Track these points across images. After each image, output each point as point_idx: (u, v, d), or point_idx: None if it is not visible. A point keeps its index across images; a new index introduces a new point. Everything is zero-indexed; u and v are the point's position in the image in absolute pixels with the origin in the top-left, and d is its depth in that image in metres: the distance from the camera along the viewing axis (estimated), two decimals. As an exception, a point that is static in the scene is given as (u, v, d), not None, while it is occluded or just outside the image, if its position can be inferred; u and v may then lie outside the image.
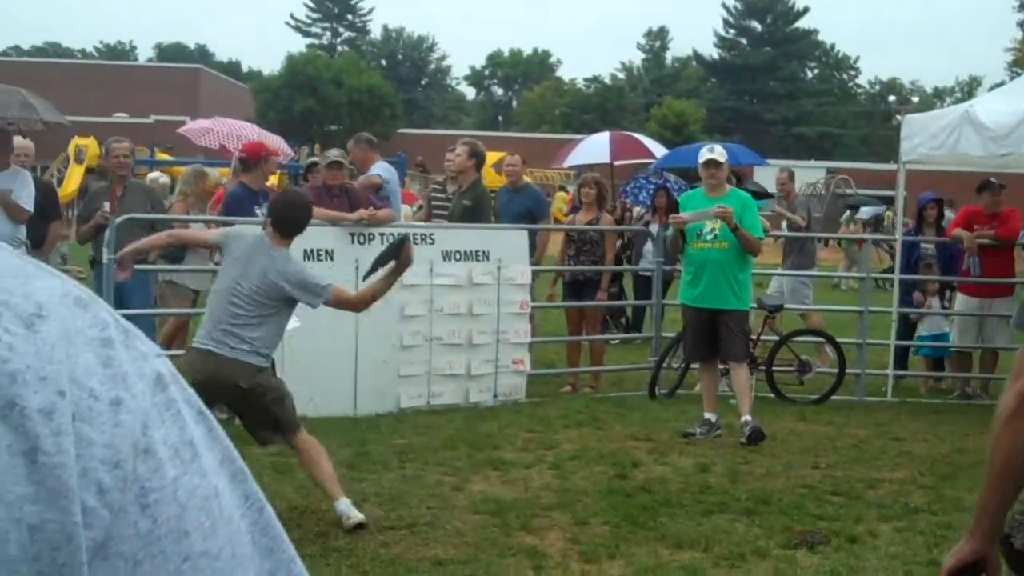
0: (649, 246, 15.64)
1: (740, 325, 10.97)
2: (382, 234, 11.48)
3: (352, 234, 11.38)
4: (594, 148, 21.29)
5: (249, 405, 7.78)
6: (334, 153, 12.20)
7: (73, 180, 27.60)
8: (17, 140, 12.30)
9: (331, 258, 11.19)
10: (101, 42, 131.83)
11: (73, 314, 0.70)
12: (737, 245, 10.70)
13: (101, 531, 0.67)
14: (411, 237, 11.64)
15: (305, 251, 11.03)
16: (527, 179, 16.78)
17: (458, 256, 11.97)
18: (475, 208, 12.77)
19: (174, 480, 0.70)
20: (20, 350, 0.66)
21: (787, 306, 14.04)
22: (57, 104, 14.06)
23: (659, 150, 21.17)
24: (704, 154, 11.13)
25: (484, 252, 12.13)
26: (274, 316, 7.79)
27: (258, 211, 11.27)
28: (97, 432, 0.67)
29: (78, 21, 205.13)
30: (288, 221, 8.00)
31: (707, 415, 10.94)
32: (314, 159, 15.45)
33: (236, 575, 0.74)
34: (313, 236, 11.13)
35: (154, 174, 14.30)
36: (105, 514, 0.67)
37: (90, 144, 40.54)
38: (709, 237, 10.82)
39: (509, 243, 12.41)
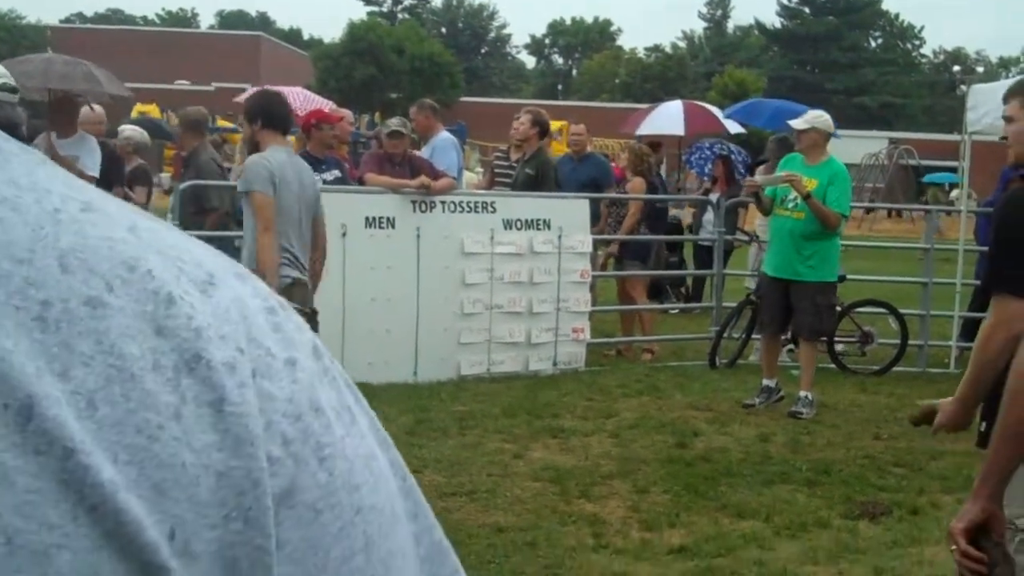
0: (709, 215, 15.58)
1: (812, 298, 10.55)
2: (443, 202, 11.50)
3: (414, 202, 11.39)
4: (668, 118, 21.13)
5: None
6: (395, 122, 12.20)
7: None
8: (90, 111, 12.43)
9: (392, 225, 11.21)
10: (164, 9, 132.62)
11: (239, 283, 0.74)
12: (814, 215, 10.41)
13: (287, 479, 0.69)
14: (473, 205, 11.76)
15: (367, 218, 11.08)
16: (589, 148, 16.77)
17: (519, 224, 11.96)
18: (538, 177, 12.75)
19: (341, 438, 0.73)
20: (201, 310, 0.69)
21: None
22: (119, 71, 14.16)
23: (733, 127, 21.02)
24: (796, 121, 10.93)
25: (545, 221, 12.12)
26: None
27: (318, 177, 11.28)
28: (277, 387, 0.70)
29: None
30: (276, 117, 8.13)
31: (766, 382, 10.86)
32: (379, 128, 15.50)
33: (395, 531, 0.77)
34: (374, 203, 11.21)
35: (125, 127, 14.20)
36: (290, 464, 0.70)
37: (152, 111, 40.92)
38: (790, 205, 10.53)
39: (570, 212, 12.39)
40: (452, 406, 10.45)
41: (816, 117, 10.87)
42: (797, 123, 10.72)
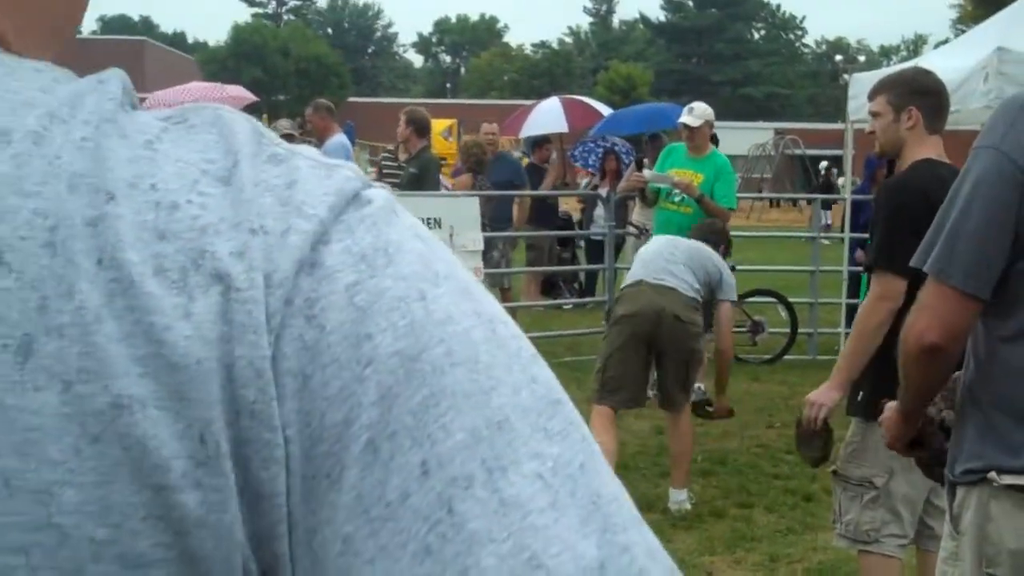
0: (600, 210, 15.65)
1: None
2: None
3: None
4: (549, 117, 21.08)
5: (678, 343, 7.82)
6: (284, 125, 12.15)
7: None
8: None
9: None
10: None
11: (267, 165, 0.73)
12: (700, 210, 10.48)
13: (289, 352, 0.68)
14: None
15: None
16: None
17: (409, 224, 11.90)
18: (421, 175, 12.72)
19: (349, 287, 0.69)
20: (213, 206, 0.69)
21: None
22: None
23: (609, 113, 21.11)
24: (682, 115, 10.94)
25: (436, 219, 12.06)
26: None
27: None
28: (270, 264, 0.69)
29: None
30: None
31: (659, 376, 10.96)
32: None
33: (491, 376, 0.70)
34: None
35: None
36: (291, 332, 0.68)
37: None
38: (677, 199, 10.55)
39: (461, 210, 12.34)
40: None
41: (705, 111, 10.93)
42: (690, 120, 10.66)
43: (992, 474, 2.89)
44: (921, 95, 4.85)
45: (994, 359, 2.93)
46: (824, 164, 38.30)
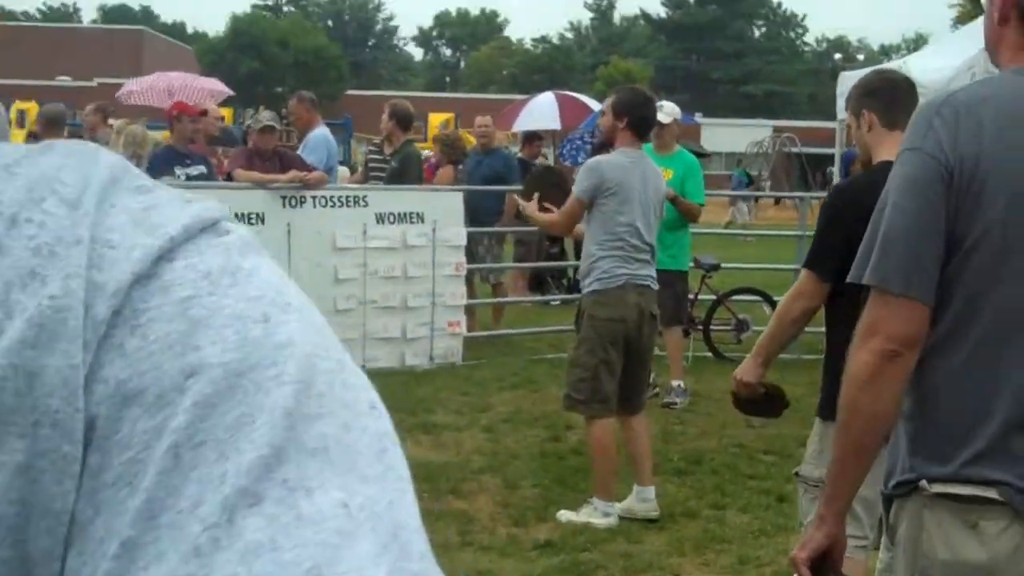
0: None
1: (673, 287, 10.70)
2: (314, 197, 11.37)
3: (284, 197, 11.24)
4: (542, 112, 21.10)
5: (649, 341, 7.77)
6: (266, 117, 12.01)
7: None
8: None
9: (262, 221, 11.03)
10: (45, 4, 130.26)
11: (125, 193, 0.72)
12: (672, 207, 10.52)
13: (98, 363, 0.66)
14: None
15: (236, 214, 10.74)
16: (471, 139, 16.77)
17: (392, 219, 11.85)
18: (402, 169, 12.65)
19: (184, 300, 0.67)
20: (52, 226, 0.68)
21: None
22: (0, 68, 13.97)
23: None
24: (661, 115, 10.93)
25: (419, 214, 12.02)
26: None
27: (179, 171, 11.10)
28: (105, 276, 0.67)
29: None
30: (644, 120, 7.64)
31: (641, 374, 10.89)
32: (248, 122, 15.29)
33: (322, 404, 0.68)
34: (243, 199, 11.04)
35: None
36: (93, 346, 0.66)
37: (31, 108, 40.19)
38: None
39: (444, 204, 12.30)
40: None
41: (673, 109, 11.02)
42: (660, 117, 10.65)
43: (923, 483, 2.84)
44: (870, 96, 4.88)
45: (922, 368, 2.87)
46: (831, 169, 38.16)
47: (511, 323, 14.92)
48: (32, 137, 20.83)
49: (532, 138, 18.17)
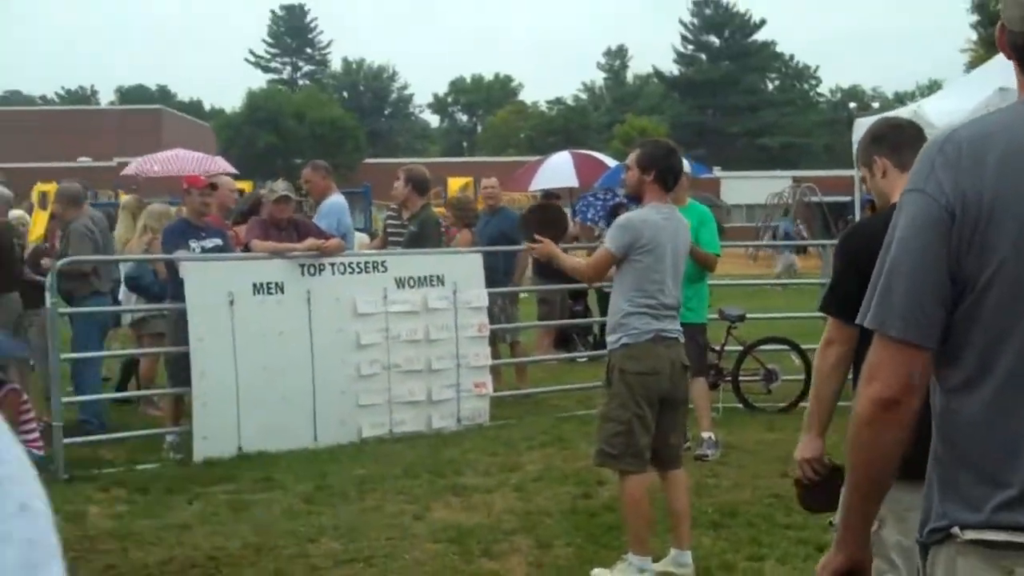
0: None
1: (694, 339, 10.60)
2: (332, 264, 11.32)
3: (302, 265, 11.20)
4: (558, 170, 21.09)
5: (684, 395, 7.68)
6: (281, 187, 11.98)
7: (38, 225, 27.58)
8: (16, 212, 12.54)
9: (281, 291, 10.98)
10: (63, 87, 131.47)
11: None
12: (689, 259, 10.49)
13: None
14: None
15: (255, 284, 10.86)
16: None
17: (412, 282, 11.79)
18: (421, 233, 12.60)
19: None
20: None
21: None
22: (21, 151, 14.16)
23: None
24: None
25: (438, 277, 11.96)
26: None
27: (193, 244, 11.06)
28: None
29: (39, 68, 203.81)
30: (669, 170, 7.52)
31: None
32: (262, 192, 15.25)
33: None
34: (261, 269, 11.00)
35: (15, 212, 13.83)
36: None
37: (51, 189, 40.50)
38: None
39: (464, 266, 12.25)
40: (353, 470, 10.22)
41: (683, 163, 10.96)
42: None
43: (955, 529, 2.74)
44: (877, 142, 4.87)
45: (947, 412, 2.80)
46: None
47: (538, 382, 14.81)
48: (53, 218, 20.91)
49: (550, 197, 18.14)
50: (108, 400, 12.72)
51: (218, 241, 11.34)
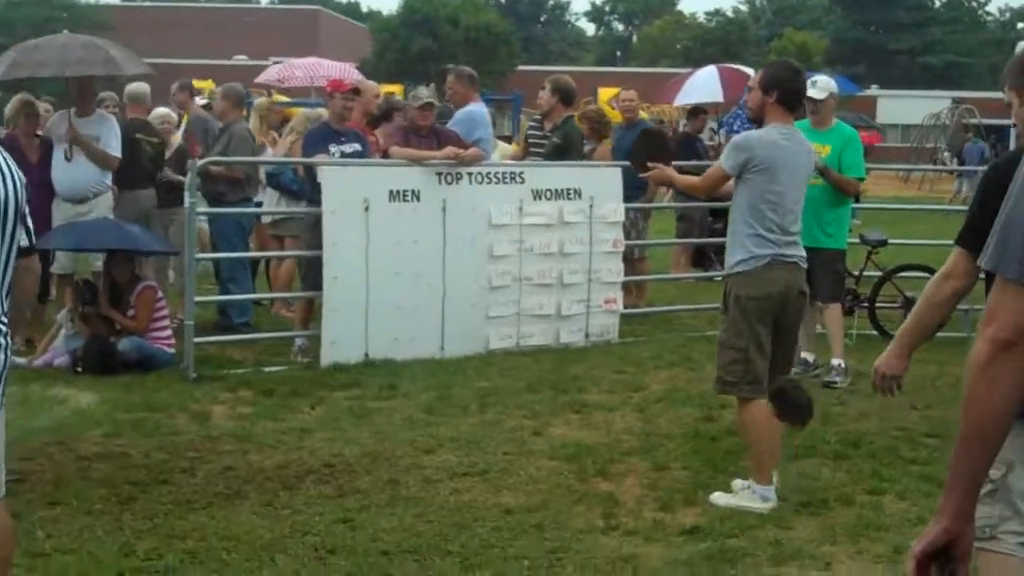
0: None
1: (830, 265, 10.38)
2: (470, 174, 11.29)
3: (439, 174, 11.18)
4: (705, 85, 20.76)
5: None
6: (425, 93, 11.96)
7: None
8: (161, 111, 13.32)
9: (417, 198, 10.98)
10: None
11: None
12: (827, 182, 10.29)
13: None
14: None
15: (391, 192, 10.87)
16: (643, 114, 16.59)
17: (548, 195, 11.72)
18: (564, 145, 12.50)
19: None
20: None
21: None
22: (178, 48, 14.43)
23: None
24: (814, 91, 10.68)
25: (576, 190, 11.87)
26: None
27: (333, 148, 11.12)
28: None
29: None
30: (795, 92, 7.42)
31: (803, 355, 10.60)
32: (397, 99, 15.20)
33: None
34: (398, 176, 11.02)
35: (160, 110, 13.74)
36: None
37: (206, 86, 40.99)
38: None
39: (601, 180, 12.13)
40: (476, 382, 10.26)
41: (828, 83, 10.81)
42: (816, 93, 10.41)
43: None
44: None
45: None
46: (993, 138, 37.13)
47: (671, 299, 14.70)
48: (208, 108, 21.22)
49: (697, 112, 17.95)
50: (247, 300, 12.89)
51: (357, 146, 11.39)
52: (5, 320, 4.65)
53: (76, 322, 10.77)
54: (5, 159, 4.67)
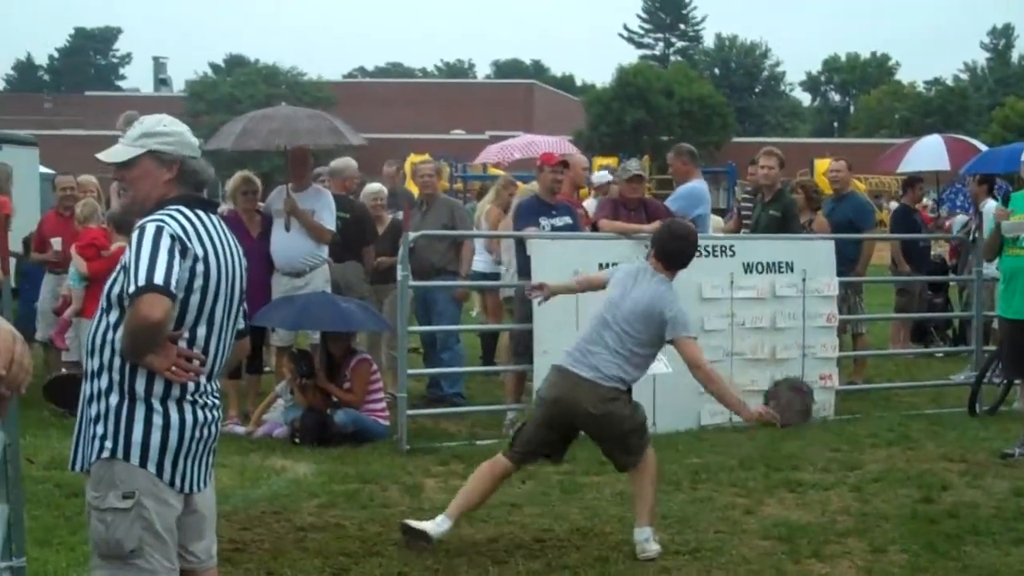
0: (975, 254, 14.91)
1: None
2: (681, 247, 11.18)
3: (648, 247, 11.09)
4: (929, 153, 20.33)
5: (600, 430, 7.61)
6: (634, 166, 11.98)
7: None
8: (374, 187, 13.51)
9: (626, 271, 10.93)
10: (442, 60, 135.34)
11: None
12: None
13: None
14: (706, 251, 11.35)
15: (600, 264, 10.82)
16: (861, 185, 16.31)
17: (760, 268, 11.57)
18: (784, 218, 12.35)
19: None
20: None
21: None
22: (397, 122, 14.67)
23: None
24: None
25: (788, 263, 11.71)
26: (638, 348, 7.57)
27: (543, 222, 11.15)
28: None
29: (420, 42, 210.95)
30: (671, 253, 7.89)
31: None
32: (608, 177, 15.16)
33: None
34: (607, 249, 10.99)
35: (374, 186, 13.82)
36: None
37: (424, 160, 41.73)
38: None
39: (814, 253, 11.95)
40: (687, 458, 10.12)
41: None
42: None
43: None
44: None
45: None
46: None
47: (890, 375, 14.35)
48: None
49: (914, 182, 17.52)
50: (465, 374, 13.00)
51: (568, 219, 11.42)
52: (217, 396, 4.74)
53: (295, 393, 10.98)
54: (231, 242, 4.76)
